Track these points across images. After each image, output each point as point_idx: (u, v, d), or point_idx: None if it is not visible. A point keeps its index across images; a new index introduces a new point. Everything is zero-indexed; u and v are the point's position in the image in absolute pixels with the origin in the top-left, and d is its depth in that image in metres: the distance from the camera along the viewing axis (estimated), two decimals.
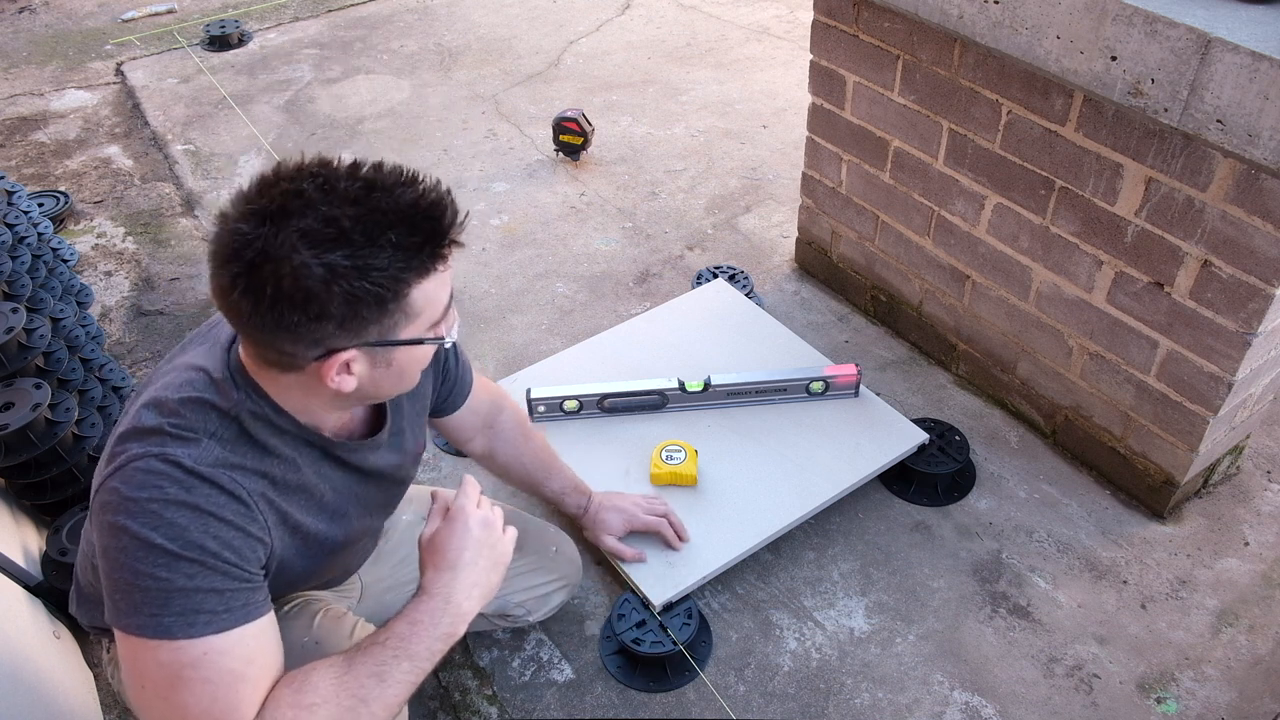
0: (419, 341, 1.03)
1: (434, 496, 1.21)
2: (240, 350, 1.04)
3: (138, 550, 0.93)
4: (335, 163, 0.96)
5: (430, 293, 1.00)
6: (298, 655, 1.07)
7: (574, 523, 1.76)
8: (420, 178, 0.98)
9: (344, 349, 0.97)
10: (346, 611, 1.31)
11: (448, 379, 1.44)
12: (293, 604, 1.27)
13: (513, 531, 1.20)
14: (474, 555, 1.13)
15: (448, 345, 1.07)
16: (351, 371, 1.00)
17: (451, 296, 1.05)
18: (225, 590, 0.96)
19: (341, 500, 1.17)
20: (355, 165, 0.97)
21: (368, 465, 1.20)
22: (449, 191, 0.99)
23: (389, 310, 0.97)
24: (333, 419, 1.13)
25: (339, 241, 0.91)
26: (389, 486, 1.28)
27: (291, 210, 0.90)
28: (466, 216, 1.00)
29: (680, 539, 1.74)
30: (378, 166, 0.97)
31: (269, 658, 1.00)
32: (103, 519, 0.96)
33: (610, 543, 1.72)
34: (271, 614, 1.02)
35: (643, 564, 1.72)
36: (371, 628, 1.28)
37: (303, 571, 1.16)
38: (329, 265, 0.90)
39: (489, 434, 1.60)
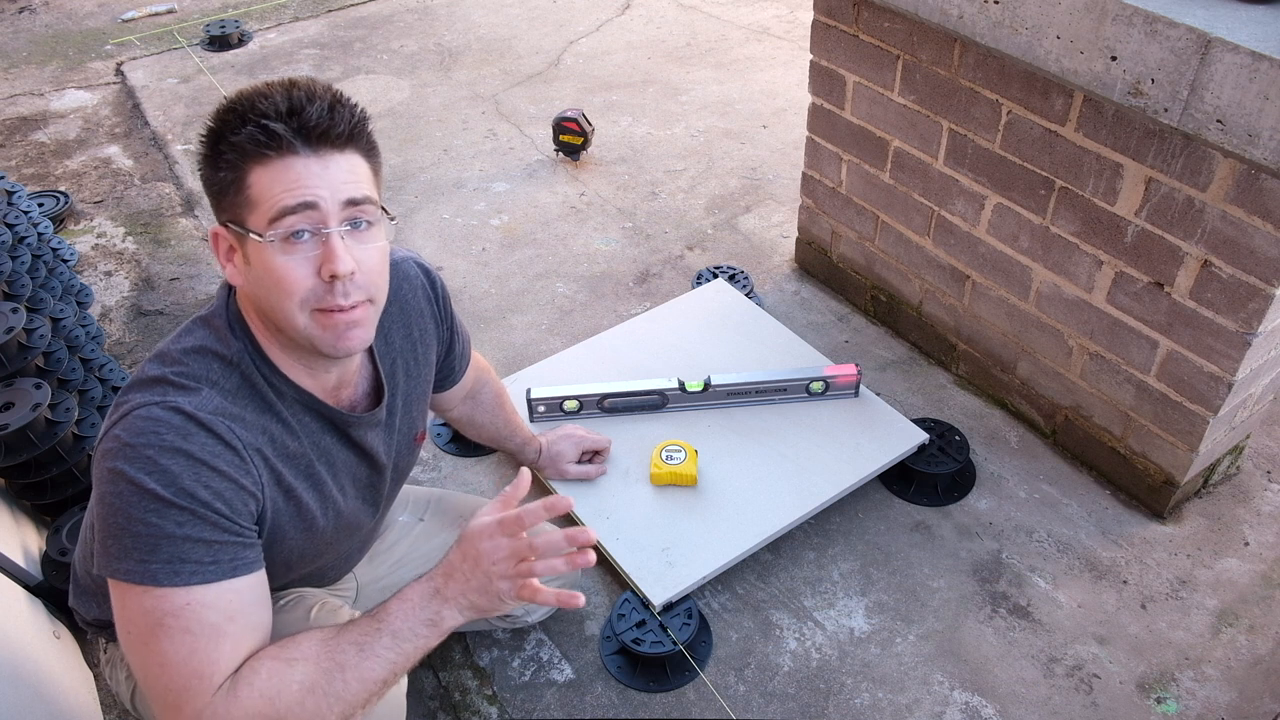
0: (247, 232, 1.00)
1: (504, 499, 1.12)
2: (242, 305, 1.08)
3: (131, 495, 0.95)
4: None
5: (266, 185, 0.99)
6: None
7: (534, 469, 1.84)
8: (329, 92, 1.04)
9: (224, 226, 1.03)
10: (342, 605, 1.31)
11: (450, 355, 1.46)
12: (288, 598, 1.27)
13: (528, 603, 1.10)
14: (489, 581, 1.06)
15: (267, 242, 1.00)
16: (234, 261, 1.04)
17: (308, 210, 1.00)
18: (214, 542, 0.98)
19: (340, 477, 1.18)
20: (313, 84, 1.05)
21: (367, 442, 1.20)
22: (343, 98, 1.04)
23: (227, 188, 1.01)
24: (323, 382, 1.13)
25: (234, 107, 1.00)
26: (385, 472, 1.28)
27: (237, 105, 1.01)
28: (355, 115, 1.04)
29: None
30: (312, 81, 1.05)
31: (252, 617, 1.01)
32: (102, 466, 0.98)
33: (574, 469, 1.84)
34: (261, 574, 1.03)
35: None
36: None
37: (298, 550, 1.16)
38: (219, 116, 1.01)
39: (470, 403, 1.65)
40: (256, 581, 1.03)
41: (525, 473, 1.12)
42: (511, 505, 1.10)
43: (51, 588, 1.69)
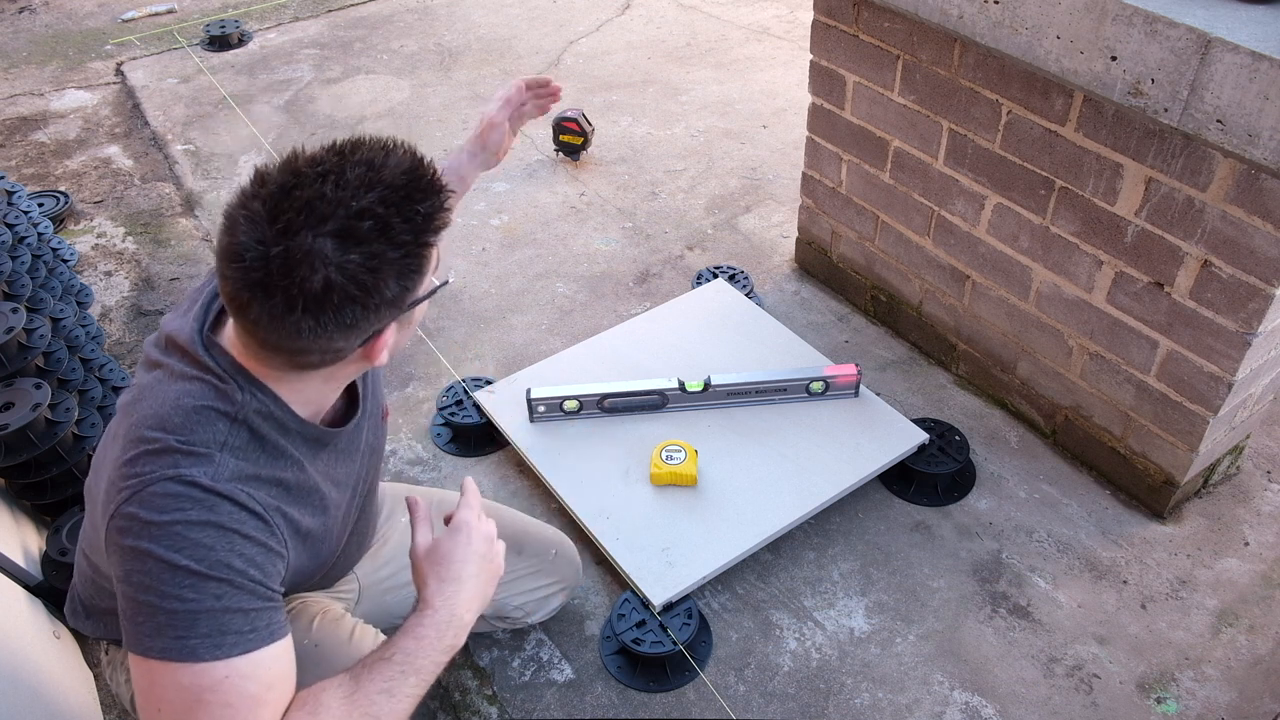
0: (433, 292, 1.05)
1: (413, 505, 1.18)
2: (240, 355, 1.02)
3: (163, 573, 0.91)
4: (316, 154, 0.96)
5: (438, 245, 1.03)
6: (298, 658, 1.06)
7: (488, 148, 1.63)
8: (389, 140, 0.99)
9: (388, 325, 1.00)
10: (344, 614, 1.31)
11: None
12: (290, 607, 1.26)
13: (501, 545, 1.20)
14: (477, 569, 1.13)
15: (451, 283, 1.09)
16: (387, 344, 1.02)
17: None
18: (251, 610, 0.95)
19: (339, 490, 1.17)
20: (341, 150, 0.97)
21: (354, 444, 1.20)
22: (409, 143, 1.01)
23: (424, 274, 1.00)
24: (333, 399, 1.13)
25: (378, 229, 0.92)
26: (368, 455, 1.28)
27: (321, 214, 0.90)
28: (432, 159, 1.02)
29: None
30: (356, 144, 0.98)
31: (288, 683, 0.99)
32: (122, 544, 0.94)
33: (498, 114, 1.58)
34: (290, 637, 1.01)
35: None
36: (370, 630, 1.28)
37: (308, 571, 1.16)
38: (375, 254, 0.92)
39: None
40: (288, 645, 1.00)
41: (469, 481, 1.23)
42: (429, 508, 1.19)
43: (51, 588, 1.69)
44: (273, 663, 0.97)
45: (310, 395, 1.06)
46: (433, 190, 0.98)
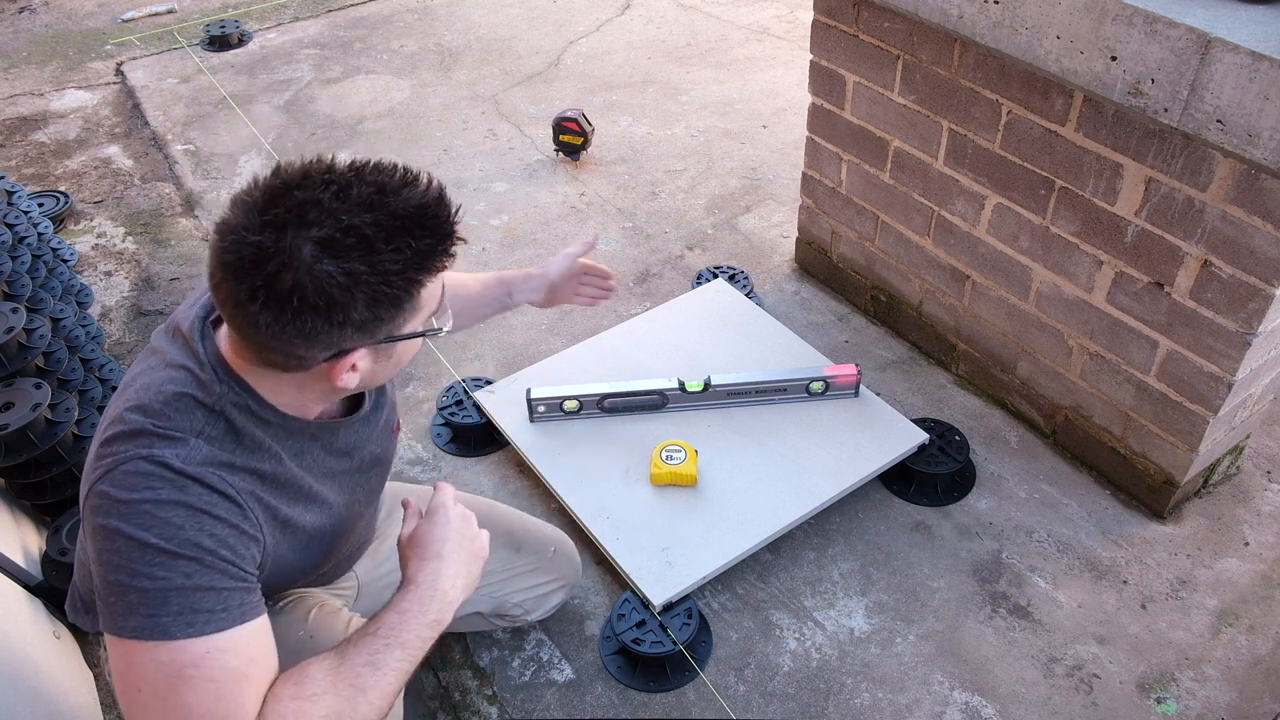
0: (420, 334, 1.06)
1: (406, 504, 1.23)
2: (226, 347, 1.04)
3: (132, 551, 0.93)
4: (336, 164, 0.97)
5: (433, 288, 1.02)
6: (293, 649, 1.07)
7: (549, 295, 1.68)
8: (419, 176, 0.99)
9: (355, 349, 1.00)
10: (341, 607, 1.32)
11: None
12: (287, 600, 1.27)
13: (485, 533, 1.23)
14: (455, 546, 1.16)
15: (444, 334, 1.09)
16: (356, 369, 1.02)
17: (443, 285, 1.07)
18: (223, 589, 0.96)
19: (327, 486, 1.18)
20: (359, 168, 0.97)
21: (349, 445, 1.21)
22: (443, 187, 1.01)
23: (403, 310, 0.99)
24: (318, 408, 1.13)
25: (361, 249, 0.92)
26: (371, 465, 1.29)
27: (310, 219, 0.91)
28: (461, 209, 1.02)
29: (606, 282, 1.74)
30: (378, 167, 0.98)
31: (269, 660, 1.00)
32: (94, 523, 0.95)
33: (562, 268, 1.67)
34: (266, 618, 1.02)
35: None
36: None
37: (300, 565, 1.16)
38: (351, 273, 0.92)
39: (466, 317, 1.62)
40: (265, 625, 1.02)
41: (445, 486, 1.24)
42: (420, 504, 1.24)
43: (51, 588, 1.69)
44: (252, 638, 0.98)
45: (287, 399, 1.06)
46: (436, 233, 0.98)
